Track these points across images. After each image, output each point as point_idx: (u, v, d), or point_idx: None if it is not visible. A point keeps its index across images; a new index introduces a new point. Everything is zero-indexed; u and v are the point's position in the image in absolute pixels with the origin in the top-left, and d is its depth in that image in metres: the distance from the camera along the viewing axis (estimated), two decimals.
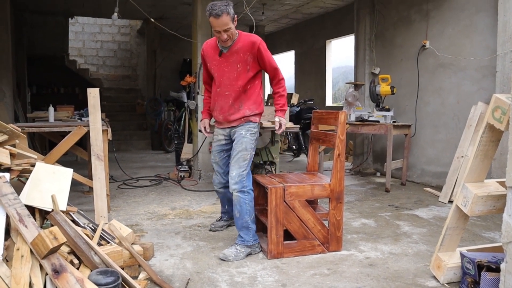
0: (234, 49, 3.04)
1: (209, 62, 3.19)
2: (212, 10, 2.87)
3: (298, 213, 2.96)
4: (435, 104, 5.34)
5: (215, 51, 3.13)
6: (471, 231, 3.51)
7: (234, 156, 3.07)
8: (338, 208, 3.04)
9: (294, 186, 2.93)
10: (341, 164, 3.04)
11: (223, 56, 3.08)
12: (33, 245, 2.09)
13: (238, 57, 3.05)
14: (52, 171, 2.65)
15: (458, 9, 4.96)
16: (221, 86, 3.13)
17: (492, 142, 2.19)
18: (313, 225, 3.00)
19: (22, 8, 8.44)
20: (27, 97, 8.96)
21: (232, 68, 3.07)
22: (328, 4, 8.19)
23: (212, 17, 2.88)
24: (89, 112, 4.02)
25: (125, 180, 5.84)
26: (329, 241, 3.02)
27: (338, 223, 3.04)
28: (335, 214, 3.03)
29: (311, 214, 2.99)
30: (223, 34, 2.93)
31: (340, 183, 3.04)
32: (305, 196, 2.96)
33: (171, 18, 9.22)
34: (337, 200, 3.04)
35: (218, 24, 2.89)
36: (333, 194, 3.02)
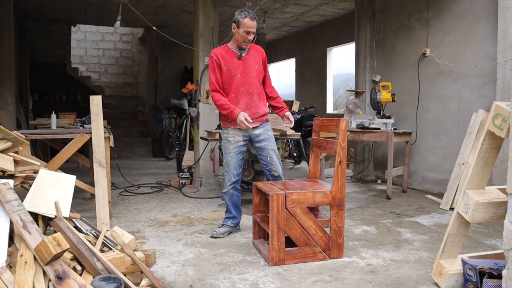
0: (250, 53, 3.49)
1: (227, 65, 3.45)
2: (249, 13, 3.34)
3: (300, 220, 2.96)
4: (435, 111, 5.37)
5: (232, 56, 3.46)
6: (472, 238, 3.51)
7: (272, 153, 3.51)
8: (340, 215, 3.04)
9: (295, 193, 2.94)
10: (342, 171, 3.05)
11: (242, 59, 3.46)
12: (37, 251, 2.10)
13: (254, 60, 3.49)
14: (55, 178, 2.67)
15: (459, 17, 5.00)
16: (244, 85, 3.46)
17: (492, 149, 2.20)
18: (314, 232, 3.00)
19: (25, 16, 8.53)
20: (29, 104, 9.00)
21: (252, 68, 3.47)
22: (328, 12, 8.26)
23: (249, 18, 3.32)
24: (92, 119, 4.04)
25: (126, 187, 5.85)
26: (331, 248, 3.03)
27: (340, 230, 3.05)
28: (336, 221, 3.04)
29: (312, 221, 3.00)
30: (251, 35, 3.36)
31: (341, 190, 3.05)
32: (306, 203, 2.96)
33: (172, 26, 9.30)
34: (339, 207, 3.05)
35: (252, 25, 3.34)
36: (334, 201, 3.03)
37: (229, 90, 3.47)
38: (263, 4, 7.48)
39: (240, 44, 3.41)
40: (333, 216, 3.03)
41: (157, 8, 7.86)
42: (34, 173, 2.67)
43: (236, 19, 3.35)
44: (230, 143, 3.51)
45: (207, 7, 5.66)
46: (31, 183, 2.65)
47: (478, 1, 4.74)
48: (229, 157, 3.52)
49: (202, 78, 5.70)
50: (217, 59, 3.43)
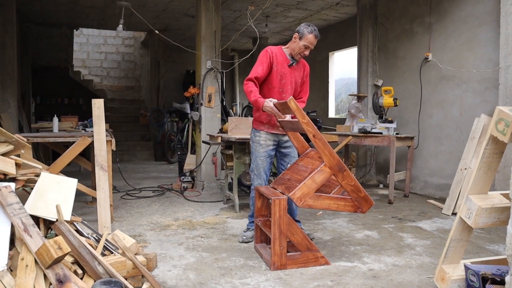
0: (299, 65, 3.56)
1: (277, 66, 3.47)
2: (315, 30, 3.41)
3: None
4: (438, 116, 5.36)
5: (285, 60, 3.49)
6: (475, 244, 3.49)
7: (293, 161, 3.51)
8: (346, 176, 2.93)
9: (297, 189, 2.86)
10: (321, 141, 2.92)
11: (291, 68, 3.51)
12: (38, 254, 2.10)
13: (300, 72, 3.58)
14: (57, 181, 2.67)
15: (461, 22, 5.00)
16: (286, 93, 3.51)
17: (495, 154, 2.19)
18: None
19: (28, 19, 8.56)
20: (32, 108, 9.02)
21: (295, 80, 3.55)
22: (331, 17, 8.27)
23: (313, 35, 3.38)
24: (94, 123, 4.05)
25: (128, 191, 5.85)
26: (360, 204, 2.98)
27: (356, 187, 2.94)
28: (347, 183, 2.93)
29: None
30: (307, 51, 3.44)
31: (332, 156, 2.90)
32: (311, 192, 2.87)
33: (175, 30, 9.32)
34: (341, 171, 2.92)
35: (313, 43, 3.42)
36: (333, 169, 2.90)
37: (271, 91, 3.49)
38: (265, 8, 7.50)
39: (294, 54, 3.45)
40: (341, 181, 2.93)
41: (159, 12, 7.88)
42: (36, 176, 2.67)
43: (301, 31, 3.39)
44: (261, 146, 3.53)
45: (210, 11, 5.67)
46: (32, 186, 2.65)
47: (481, 6, 4.75)
48: (259, 161, 3.53)
49: (204, 82, 5.71)
50: (271, 56, 3.44)
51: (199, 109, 5.84)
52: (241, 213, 4.58)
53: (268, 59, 3.43)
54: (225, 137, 4.59)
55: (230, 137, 4.48)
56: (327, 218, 4.37)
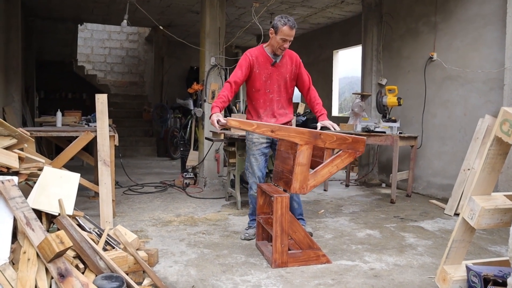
0: (284, 61, 3.45)
1: (259, 69, 3.43)
2: (289, 21, 3.27)
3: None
4: (442, 116, 5.33)
5: (266, 60, 3.43)
6: (477, 245, 3.48)
7: None
8: (325, 138, 2.90)
9: (294, 182, 2.86)
10: (281, 131, 2.89)
11: (275, 66, 3.43)
12: (40, 248, 2.11)
13: (286, 68, 3.45)
14: (60, 176, 2.67)
15: (467, 21, 4.97)
16: (273, 93, 3.48)
17: (499, 155, 2.18)
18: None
19: (33, 14, 8.57)
20: (35, 102, 9.04)
21: (283, 77, 3.45)
22: (335, 15, 8.24)
23: (287, 27, 3.24)
24: (97, 118, 4.05)
25: (130, 186, 5.86)
26: (353, 149, 2.96)
27: (341, 139, 2.96)
28: (331, 142, 2.93)
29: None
30: (287, 43, 3.30)
31: (299, 132, 2.87)
32: (306, 175, 2.87)
33: (179, 26, 9.31)
34: (317, 138, 2.88)
35: (290, 34, 3.27)
36: (310, 142, 2.87)
37: (257, 94, 3.49)
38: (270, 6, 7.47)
39: (275, 50, 3.37)
40: (324, 145, 2.94)
41: (164, 7, 7.87)
42: (39, 170, 2.68)
43: (275, 25, 3.29)
44: (254, 144, 3.54)
45: (214, 8, 5.67)
46: (35, 180, 2.66)
47: (487, 6, 4.72)
48: (253, 158, 3.54)
49: (208, 78, 5.70)
50: (251, 59, 3.42)
51: (203, 105, 5.84)
52: (243, 210, 4.58)
53: (247, 63, 3.41)
54: (228, 134, 4.59)
55: (233, 134, 4.48)
56: (328, 217, 4.37)
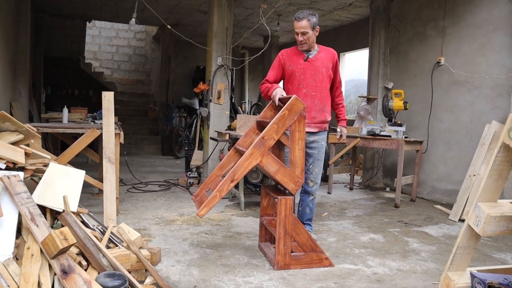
0: (319, 56, 3.39)
1: (292, 66, 3.42)
2: (297, 14, 3.29)
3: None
4: (448, 121, 5.31)
5: (299, 56, 3.41)
6: (481, 251, 3.46)
7: (316, 163, 3.48)
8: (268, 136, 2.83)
9: (289, 184, 2.88)
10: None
11: (308, 61, 3.38)
12: (44, 244, 2.11)
13: (322, 63, 3.39)
14: (65, 172, 2.68)
15: (475, 26, 4.95)
16: (308, 88, 3.41)
17: (507, 162, 2.16)
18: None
19: (42, 10, 8.61)
20: (42, 98, 9.09)
21: (318, 71, 3.38)
22: (343, 18, 8.22)
23: (294, 20, 3.28)
24: (103, 115, 4.06)
25: (134, 184, 5.87)
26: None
27: (272, 130, 3.01)
28: (269, 136, 2.83)
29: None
30: (300, 36, 3.27)
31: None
32: (285, 171, 2.88)
33: (187, 25, 9.32)
34: (263, 145, 2.82)
35: (298, 26, 3.26)
36: (260, 150, 2.82)
37: (291, 90, 3.46)
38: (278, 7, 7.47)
39: (299, 45, 3.39)
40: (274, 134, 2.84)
41: (172, 7, 7.89)
42: (44, 166, 2.69)
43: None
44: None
45: (222, 8, 5.67)
46: (40, 176, 2.67)
47: (496, 12, 4.69)
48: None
49: (214, 78, 5.71)
50: (282, 58, 3.44)
51: (208, 105, 5.84)
52: (246, 211, 4.57)
53: (279, 63, 3.46)
54: (233, 135, 4.59)
55: (238, 134, 4.48)
56: (332, 220, 4.35)
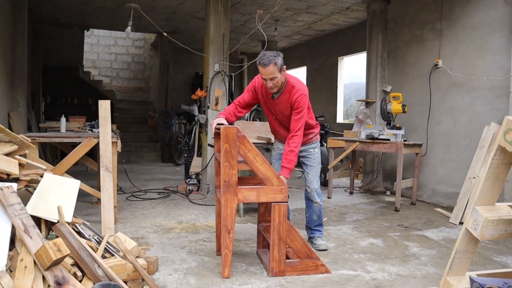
0: (282, 98, 3.30)
1: (264, 96, 3.40)
2: (261, 59, 3.13)
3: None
4: (447, 123, 5.28)
5: (268, 93, 3.35)
6: (482, 255, 3.42)
7: (309, 170, 3.54)
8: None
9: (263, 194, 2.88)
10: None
11: (275, 100, 3.34)
12: (37, 256, 2.09)
13: (285, 106, 3.31)
14: (60, 182, 2.67)
15: (472, 28, 4.94)
16: (278, 117, 3.45)
17: (504, 165, 2.14)
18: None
19: (40, 19, 8.65)
20: (41, 107, 9.10)
21: (284, 110, 3.33)
22: (340, 21, 8.22)
23: (260, 66, 3.13)
24: (100, 124, 4.05)
25: (133, 192, 5.85)
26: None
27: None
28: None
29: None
30: (268, 82, 3.17)
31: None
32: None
33: (184, 32, 9.34)
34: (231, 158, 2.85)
35: (264, 72, 3.13)
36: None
37: (268, 118, 3.59)
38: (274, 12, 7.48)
39: (269, 89, 3.25)
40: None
41: (169, 14, 7.91)
42: (40, 176, 2.67)
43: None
44: (274, 150, 3.77)
45: (218, 14, 5.67)
46: (35, 187, 2.65)
47: (493, 13, 4.68)
48: (272, 163, 3.63)
49: (212, 84, 5.70)
50: (257, 86, 3.39)
51: (206, 112, 5.83)
52: (245, 218, 4.55)
53: (253, 89, 3.42)
54: None
55: None
56: (331, 225, 4.32)
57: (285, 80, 3.27)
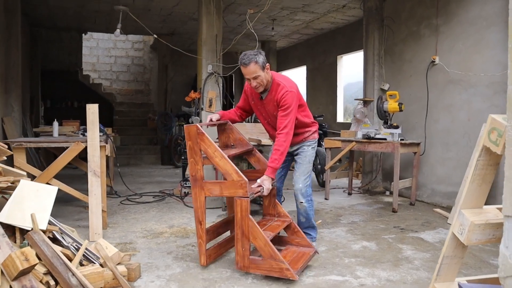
0: (269, 98, 3.24)
1: (253, 100, 3.38)
2: (242, 59, 3.10)
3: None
4: (445, 121, 5.16)
5: (256, 94, 3.33)
6: (478, 257, 3.30)
7: (297, 167, 3.42)
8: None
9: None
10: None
11: (263, 101, 3.30)
12: (4, 266, 2.03)
13: (273, 105, 3.24)
14: (36, 189, 2.60)
15: (468, 23, 4.81)
16: (268, 119, 3.40)
17: (490, 166, 2.03)
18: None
19: (37, 24, 8.65)
20: (40, 111, 9.10)
21: (273, 110, 3.27)
22: (338, 20, 8.12)
23: (242, 66, 3.11)
24: (88, 128, 3.99)
25: (128, 196, 5.79)
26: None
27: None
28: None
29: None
30: (252, 81, 3.13)
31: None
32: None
33: (182, 34, 9.30)
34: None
35: (246, 72, 3.10)
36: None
37: (262, 122, 3.54)
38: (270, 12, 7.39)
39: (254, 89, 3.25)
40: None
41: (165, 16, 7.86)
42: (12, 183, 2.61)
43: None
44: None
45: (211, 15, 5.61)
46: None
47: (489, 7, 4.55)
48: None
49: (205, 86, 5.63)
50: (247, 91, 3.40)
51: (200, 114, 5.76)
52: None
53: (244, 94, 3.44)
54: None
55: None
56: (325, 228, 4.22)
57: (270, 79, 3.19)
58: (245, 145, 3.40)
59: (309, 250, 3.11)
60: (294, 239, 3.22)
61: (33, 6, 7.19)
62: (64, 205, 5.08)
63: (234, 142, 3.44)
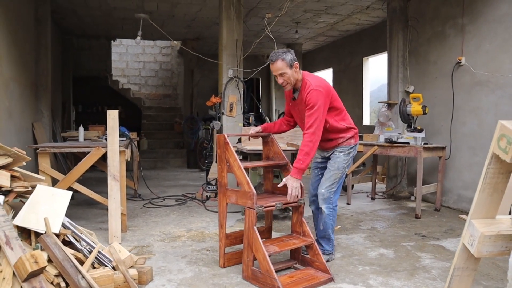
0: (300, 98, 3.22)
1: (289, 103, 3.40)
2: (270, 56, 3.16)
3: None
4: (471, 124, 4.97)
5: (290, 96, 3.35)
6: (501, 268, 3.15)
7: (325, 175, 3.34)
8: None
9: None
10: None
11: (294, 102, 3.30)
12: (16, 268, 2.11)
13: (302, 106, 3.19)
14: (51, 194, 2.69)
15: (496, 22, 4.62)
16: (303, 121, 3.32)
17: (501, 174, 1.93)
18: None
19: (68, 32, 8.98)
20: (72, 116, 9.43)
21: (302, 113, 3.22)
22: (363, 21, 7.98)
23: (270, 63, 3.16)
24: (108, 134, 4.10)
25: (152, 199, 5.90)
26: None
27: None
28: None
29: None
30: (279, 78, 3.16)
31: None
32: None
33: (207, 38, 9.40)
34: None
35: (273, 69, 3.13)
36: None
37: (300, 126, 3.48)
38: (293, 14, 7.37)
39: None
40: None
41: (189, 21, 7.98)
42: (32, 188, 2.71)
43: None
44: (314, 158, 3.55)
45: (231, 20, 5.64)
46: None
47: None
48: (310, 171, 3.59)
49: (226, 91, 5.67)
50: (286, 94, 3.42)
51: (221, 118, 5.80)
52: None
53: (286, 97, 3.44)
54: (239, 148, 4.50)
55: (243, 148, 4.38)
56: (343, 233, 4.15)
57: (300, 78, 3.18)
58: (280, 159, 3.35)
59: (323, 276, 2.92)
60: (314, 262, 3.05)
61: (63, 15, 7.48)
62: (89, 208, 5.24)
63: (274, 155, 3.41)
